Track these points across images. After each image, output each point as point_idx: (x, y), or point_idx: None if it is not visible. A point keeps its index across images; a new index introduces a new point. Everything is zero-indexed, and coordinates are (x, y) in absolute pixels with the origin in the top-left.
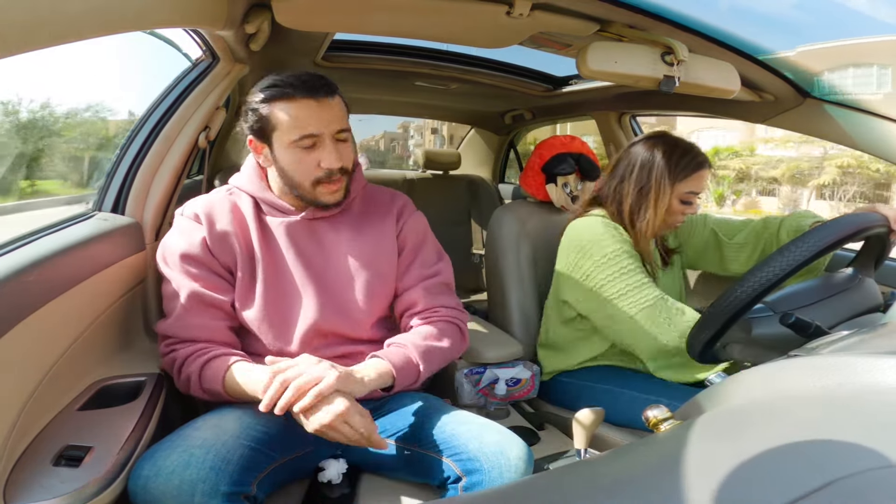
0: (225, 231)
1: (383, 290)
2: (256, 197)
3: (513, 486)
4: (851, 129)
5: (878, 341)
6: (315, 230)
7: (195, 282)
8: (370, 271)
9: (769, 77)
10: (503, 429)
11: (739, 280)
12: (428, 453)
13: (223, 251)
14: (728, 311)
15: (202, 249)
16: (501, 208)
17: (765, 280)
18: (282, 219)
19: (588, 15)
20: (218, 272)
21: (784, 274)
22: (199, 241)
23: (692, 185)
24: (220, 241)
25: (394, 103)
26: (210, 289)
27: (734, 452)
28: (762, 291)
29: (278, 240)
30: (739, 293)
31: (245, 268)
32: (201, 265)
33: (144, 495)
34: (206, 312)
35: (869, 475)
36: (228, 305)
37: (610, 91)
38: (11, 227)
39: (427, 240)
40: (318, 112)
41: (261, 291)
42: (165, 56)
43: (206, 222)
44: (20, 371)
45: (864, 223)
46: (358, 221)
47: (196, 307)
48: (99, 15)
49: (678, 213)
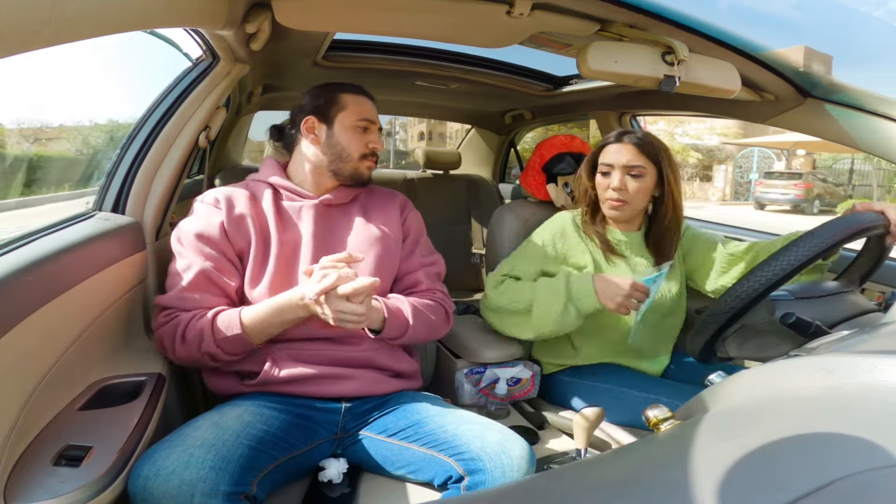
0: (242, 214)
1: (390, 266)
2: (276, 185)
3: (513, 486)
4: (852, 128)
5: (879, 341)
6: (328, 214)
7: (206, 260)
8: (378, 248)
9: (770, 77)
10: (505, 428)
11: (741, 279)
12: (430, 452)
13: (239, 234)
14: (729, 309)
15: (219, 232)
16: (502, 208)
17: (765, 280)
18: (300, 202)
19: (588, 14)
20: (229, 257)
21: (784, 274)
22: (216, 223)
23: (602, 158)
24: (237, 224)
25: (394, 103)
26: (218, 269)
27: (735, 452)
28: (763, 291)
29: (294, 220)
30: (741, 292)
31: (259, 248)
32: (215, 246)
33: (144, 495)
34: (210, 290)
35: (870, 475)
36: (233, 290)
37: (610, 91)
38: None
39: (424, 233)
40: (372, 108)
41: (273, 268)
42: (166, 56)
43: (225, 206)
44: (20, 371)
45: (865, 223)
46: (365, 209)
47: (201, 284)
48: (99, 15)
49: (604, 187)
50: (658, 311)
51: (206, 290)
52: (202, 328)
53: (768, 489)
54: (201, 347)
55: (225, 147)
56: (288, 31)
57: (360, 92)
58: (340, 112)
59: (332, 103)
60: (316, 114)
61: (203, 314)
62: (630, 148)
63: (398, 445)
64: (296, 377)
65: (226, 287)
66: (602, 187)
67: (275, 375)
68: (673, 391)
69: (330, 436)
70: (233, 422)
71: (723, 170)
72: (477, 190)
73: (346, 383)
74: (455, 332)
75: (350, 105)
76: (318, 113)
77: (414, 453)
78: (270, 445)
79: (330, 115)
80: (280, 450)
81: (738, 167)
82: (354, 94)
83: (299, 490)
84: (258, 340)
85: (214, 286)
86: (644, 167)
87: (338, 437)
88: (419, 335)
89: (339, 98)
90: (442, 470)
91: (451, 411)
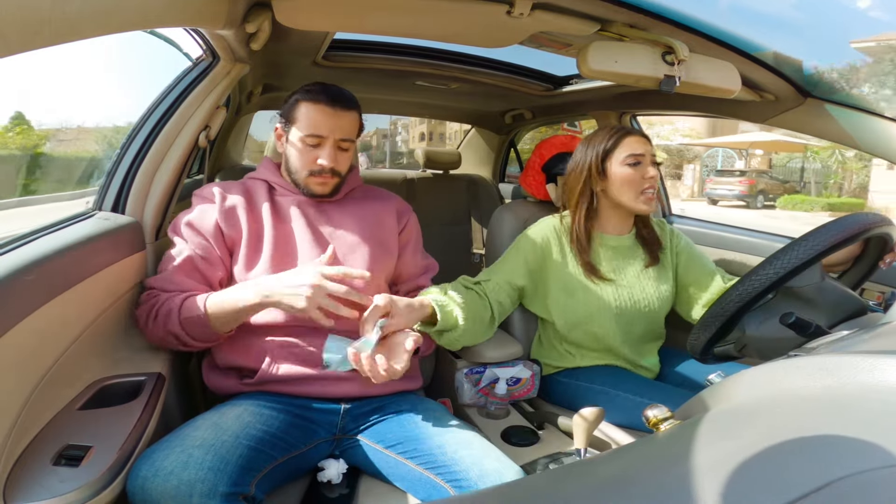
0: (234, 206)
1: (384, 259)
2: (271, 181)
3: (513, 486)
4: (852, 128)
5: (879, 341)
6: (324, 209)
7: (194, 249)
8: (372, 242)
9: (770, 77)
10: (501, 455)
11: (742, 279)
12: (427, 474)
13: (231, 225)
14: (730, 308)
15: (211, 222)
16: (502, 208)
17: (765, 280)
18: (291, 197)
19: (588, 14)
20: (218, 247)
21: (785, 272)
22: (209, 214)
23: (626, 149)
24: (230, 216)
25: (394, 103)
26: (204, 258)
27: (735, 452)
28: (763, 291)
29: (289, 214)
30: (741, 291)
31: (250, 240)
32: (204, 236)
33: (142, 495)
34: (193, 276)
35: (870, 475)
36: (216, 280)
37: (610, 91)
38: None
39: (421, 238)
40: (331, 119)
41: (266, 259)
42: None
43: (218, 199)
44: (20, 370)
45: (868, 223)
46: (361, 204)
47: (186, 269)
48: (99, 15)
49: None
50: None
51: (189, 275)
52: (171, 308)
53: (768, 489)
54: (167, 326)
55: (225, 147)
56: (288, 31)
57: (319, 100)
58: (293, 125)
59: (291, 111)
60: (283, 119)
61: (176, 296)
62: (645, 139)
63: (395, 459)
64: (294, 376)
65: (209, 276)
66: (634, 180)
67: (273, 374)
68: (672, 392)
69: (329, 436)
70: (232, 422)
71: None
72: (477, 190)
73: (345, 384)
74: None
75: (301, 118)
76: (284, 118)
77: (410, 471)
78: (269, 446)
79: (288, 124)
80: (279, 450)
81: (704, 166)
82: (313, 104)
83: (298, 490)
84: (223, 327)
85: (198, 273)
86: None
87: (336, 438)
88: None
89: (296, 107)
90: (437, 494)
91: (450, 432)
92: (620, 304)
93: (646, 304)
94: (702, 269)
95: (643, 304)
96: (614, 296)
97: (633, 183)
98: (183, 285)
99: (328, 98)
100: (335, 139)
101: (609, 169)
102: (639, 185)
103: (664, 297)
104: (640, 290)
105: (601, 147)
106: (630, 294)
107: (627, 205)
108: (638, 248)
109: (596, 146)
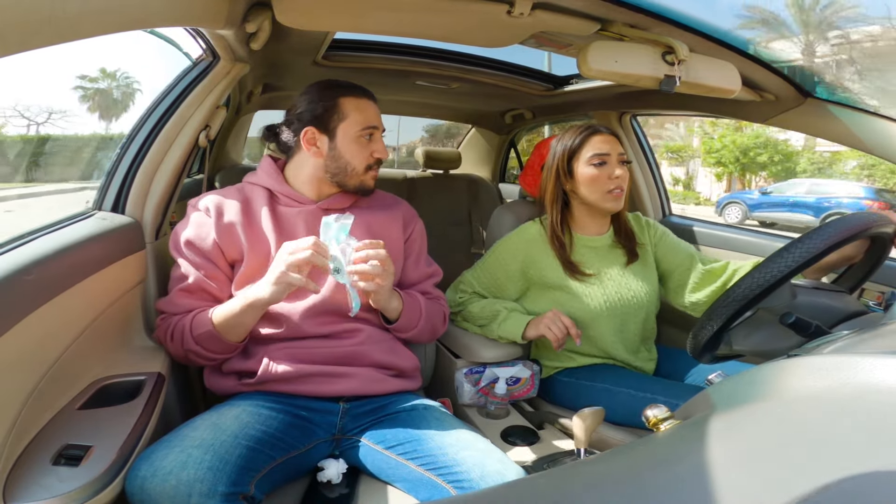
0: (232, 222)
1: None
2: (273, 189)
3: (512, 486)
4: (853, 128)
5: (880, 341)
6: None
7: (197, 269)
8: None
9: (770, 77)
10: (503, 456)
11: (742, 278)
12: (428, 475)
13: (230, 242)
14: (731, 308)
15: (209, 240)
16: (501, 207)
17: (765, 280)
18: (297, 208)
19: (589, 14)
20: (220, 265)
21: (789, 271)
22: (206, 231)
23: (591, 149)
24: (228, 232)
25: (394, 102)
26: (209, 277)
27: (735, 452)
28: (762, 291)
29: (293, 227)
30: (742, 290)
31: (252, 255)
32: (203, 255)
33: (141, 495)
34: (200, 296)
35: (870, 476)
36: (224, 297)
37: (610, 90)
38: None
39: (426, 244)
40: (375, 111)
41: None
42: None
43: (214, 214)
44: (20, 370)
45: (869, 223)
46: (366, 213)
47: (192, 290)
48: (99, 14)
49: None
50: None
51: (196, 295)
52: (183, 327)
53: (768, 489)
54: (184, 345)
55: (225, 146)
56: (288, 31)
57: (361, 94)
58: (342, 122)
59: (332, 112)
60: (316, 124)
61: (186, 315)
62: (612, 138)
63: (396, 460)
64: (293, 375)
65: (216, 293)
66: (600, 179)
67: (272, 373)
68: (672, 391)
69: (328, 436)
70: (231, 422)
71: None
72: (477, 190)
73: (344, 382)
74: (454, 331)
75: (352, 113)
76: (317, 123)
77: (411, 472)
78: (269, 446)
79: (331, 125)
80: (278, 450)
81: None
82: (356, 98)
83: (298, 490)
84: (233, 336)
85: (205, 292)
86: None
87: (336, 438)
88: (426, 329)
89: (339, 105)
90: (439, 494)
91: (452, 432)
92: (610, 304)
93: (635, 300)
94: (681, 253)
95: (632, 302)
96: (603, 296)
97: (599, 183)
98: (191, 307)
99: (365, 91)
100: (381, 130)
101: (576, 169)
102: (604, 185)
103: (651, 291)
104: (626, 287)
105: (567, 147)
106: (618, 292)
107: (596, 204)
108: (617, 248)
109: (563, 145)
